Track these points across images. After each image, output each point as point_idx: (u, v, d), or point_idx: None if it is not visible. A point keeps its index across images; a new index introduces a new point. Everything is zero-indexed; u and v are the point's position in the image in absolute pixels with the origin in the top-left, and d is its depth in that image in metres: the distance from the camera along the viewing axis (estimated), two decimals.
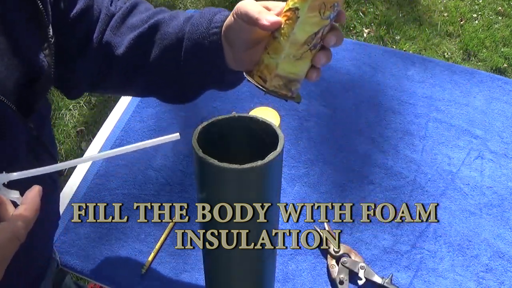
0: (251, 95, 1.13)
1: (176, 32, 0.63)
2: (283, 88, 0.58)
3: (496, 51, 2.51)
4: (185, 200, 0.94)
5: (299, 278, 0.85)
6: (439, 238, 0.90)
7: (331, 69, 1.19)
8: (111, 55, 0.65)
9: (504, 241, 0.90)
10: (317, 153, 1.03)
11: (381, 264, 0.87)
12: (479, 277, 0.86)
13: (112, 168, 1.00)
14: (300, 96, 0.62)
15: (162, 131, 1.05)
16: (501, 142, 1.05)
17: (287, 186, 0.97)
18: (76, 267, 0.86)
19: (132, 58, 0.65)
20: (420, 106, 1.12)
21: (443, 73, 1.19)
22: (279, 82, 0.57)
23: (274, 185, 0.51)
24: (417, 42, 2.53)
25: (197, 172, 0.50)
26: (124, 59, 0.65)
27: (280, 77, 0.57)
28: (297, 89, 0.59)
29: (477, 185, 0.98)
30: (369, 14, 2.69)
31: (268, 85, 0.58)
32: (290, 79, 0.57)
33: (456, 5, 2.76)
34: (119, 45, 0.65)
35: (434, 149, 1.04)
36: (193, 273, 0.86)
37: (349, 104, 1.12)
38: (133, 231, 0.90)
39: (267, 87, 0.58)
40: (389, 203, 0.95)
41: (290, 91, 0.58)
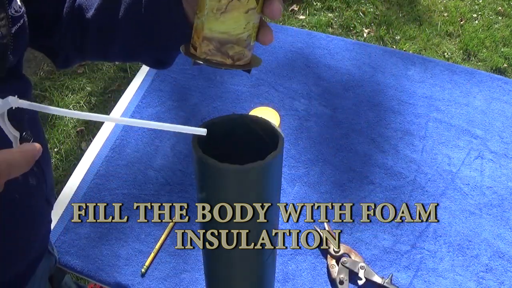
0: (251, 95, 1.13)
1: None
2: (217, 54, 0.47)
3: (496, 51, 2.51)
4: (185, 200, 0.94)
5: (299, 278, 0.85)
6: (439, 238, 0.90)
7: (331, 69, 1.19)
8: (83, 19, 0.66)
9: (504, 241, 0.90)
10: (317, 153, 1.03)
11: (381, 264, 0.87)
12: (479, 277, 0.86)
13: (112, 168, 1.00)
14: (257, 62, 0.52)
15: (162, 131, 1.05)
16: (501, 142, 1.05)
17: (287, 186, 0.97)
18: (76, 267, 0.86)
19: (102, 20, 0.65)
20: (420, 106, 1.12)
21: (443, 73, 1.19)
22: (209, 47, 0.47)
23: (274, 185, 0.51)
24: (417, 42, 2.53)
25: (197, 172, 0.50)
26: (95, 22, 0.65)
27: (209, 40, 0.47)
28: (239, 53, 0.48)
29: (477, 185, 0.98)
30: (369, 14, 2.69)
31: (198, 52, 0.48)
32: (221, 40, 0.47)
33: (456, 5, 2.76)
34: (89, 7, 0.65)
35: (434, 149, 1.04)
36: (193, 273, 0.86)
37: (349, 104, 1.12)
38: (133, 231, 0.90)
39: (197, 55, 0.48)
40: (389, 203, 0.95)
41: (228, 56, 0.48)
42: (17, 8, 0.55)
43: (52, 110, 0.40)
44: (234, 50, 0.48)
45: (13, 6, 0.55)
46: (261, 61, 0.51)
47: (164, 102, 1.11)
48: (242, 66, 0.49)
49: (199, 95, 1.13)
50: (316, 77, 1.17)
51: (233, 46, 0.47)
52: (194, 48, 0.48)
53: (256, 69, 1.19)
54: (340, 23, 2.65)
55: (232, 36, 0.47)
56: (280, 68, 1.19)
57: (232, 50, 0.48)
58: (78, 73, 2.34)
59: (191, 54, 0.49)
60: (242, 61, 0.49)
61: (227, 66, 0.48)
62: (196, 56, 0.48)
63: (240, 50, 0.48)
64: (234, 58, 0.48)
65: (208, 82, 1.16)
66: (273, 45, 1.23)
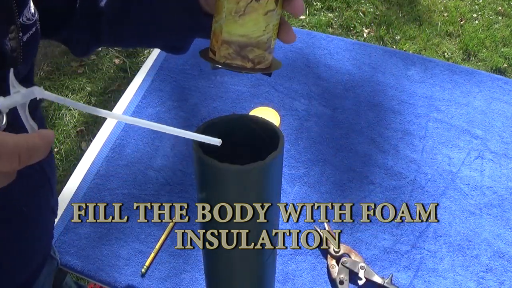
0: (251, 95, 1.13)
1: None
2: (237, 58, 0.46)
3: (496, 51, 2.51)
4: (185, 200, 0.94)
5: (299, 278, 0.85)
6: (439, 238, 0.90)
7: (331, 69, 1.19)
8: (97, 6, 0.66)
9: (504, 241, 0.90)
10: (317, 153, 1.03)
11: (381, 264, 0.87)
12: (479, 277, 0.86)
13: (112, 168, 1.00)
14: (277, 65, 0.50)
15: (162, 131, 1.05)
16: (501, 142, 1.05)
17: (287, 186, 0.97)
18: (76, 267, 0.86)
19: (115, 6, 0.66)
20: (420, 106, 1.12)
21: (443, 73, 1.19)
22: (229, 51, 0.46)
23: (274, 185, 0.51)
24: (417, 42, 2.53)
25: (197, 172, 0.50)
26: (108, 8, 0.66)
27: (228, 44, 0.46)
28: (259, 56, 0.47)
29: (477, 185, 0.98)
30: (369, 14, 2.69)
31: (217, 56, 0.47)
32: (241, 44, 0.46)
33: (456, 5, 2.76)
34: None
35: (434, 149, 1.04)
36: (193, 273, 0.86)
37: (349, 104, 1.12)
38: (133, 231, 0.90)
39: (217, 59, 0.47)
40: (389, 203, 0.95)
41: (249, 60, 0.46)
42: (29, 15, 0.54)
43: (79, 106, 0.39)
44: (255, 54, 0.46)
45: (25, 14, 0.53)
46: (281, 64, 0.50)
47: (164, 102, 1.11)
48: (262, 70, 0.48)
49: (199, 95, 1.13)
50: (316, 77, 1.17)
51: (253, 49, 0.46)
52: (213, 52, 0.47)
53: None
54: (340, 23, 2.65)
55: (252, 39, 0.46)
56: (280, 68, 1.19)
57: (253, 53, 0.46)
58: (78, 73, 2.34)
59: (210, 58, 0.48)
60: (262, 65, 0.47)
61: (247, 70, 0.47)
62: (215, 61, 0.47)
63: (261, 53, 0.47)
64: (254, 62, 0.47)
65: (208, 82, 1.16)
66: None
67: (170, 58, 1.20)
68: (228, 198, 0.49)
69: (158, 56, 1.22)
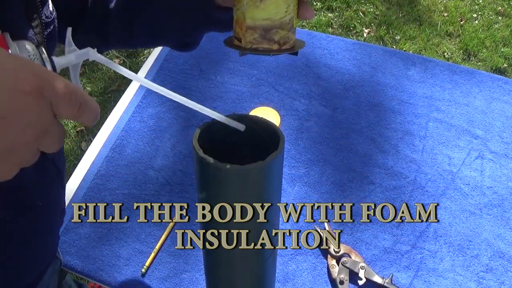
0: (251, 95, 1.13)
1: None
2: (263, 42, 0.48)
3: (496, 51, 2.51)
4: (185, 200, 0.94)
5: (300, 278, 0.85)
6: (439, 238, 0.90)
7: (331, 69, 1.19)
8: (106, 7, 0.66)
9: (505, 241, 0.90)
10: (317, 153, 1.03)
11: (381, 264, 0.87)
12: (479, 277, 0.86)
13: (112, 168, 0.99)
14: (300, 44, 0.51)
15: (162, 131, 1.05)
16: (501, 142, 1.05)
17: (287, 186, 0.97)
18: (76, 267, 0.86)
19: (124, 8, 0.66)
20: (420, 106, 1.12)
21: (443, 73, 1.19)
22: (254, 36, 0.48)
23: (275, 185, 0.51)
24: (417, 42, 2.53)
25: (197, 172, 0.50)
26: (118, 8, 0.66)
27: (253, 29, 0.47)
28: (284, 37, 0.49)
29: (477, 185, 0.98)
30: (369, 14, 2.69)
31: (243, 43, 0.48)
32: (265, 27, 0.47)
33: (456, 5, 2.76)
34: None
35: (434, 149, 1.04)
36: (193, 273, 0.86)
37: (349, 104, 1.12)
38: (133, 231, 0.90)
39: (243, 45, 0.48)
40: (389, 203, 0.95)
41: (274, 42, 0.48)
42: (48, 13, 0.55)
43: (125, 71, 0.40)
44: (280, 35, 0.48)
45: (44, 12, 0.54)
46: (305, 43, 0.51)
47: (164, 102, 1.11)
48: (288, 50, 0.49)
49: (199, 95, 1.13)
50: (316, 77, 1.17)
51: (278, 31, 0.47)
52: (238, 39, 0.49)
53: (256, 69, 1.19)
54: (340, 23, 2.65)
55: (275, 21, 0.47)
56: (280, 68, 1.19)
57: (278, 35, 0.48)
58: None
59: (236, 46, 0.49)
60: (288, 45, 0.49)
61: (274, 52, 0.48)
62: (242, 47, 0.48)
63: (285, 34, 0.48)
64: (280, 43, 0.48)
65: (208, 82, 1.16)
66: None
67: (170, 58, 1.20)
68: (228, 198, 0.49)
69: (158, 56, 1.22)
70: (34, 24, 0.53)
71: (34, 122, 0.33)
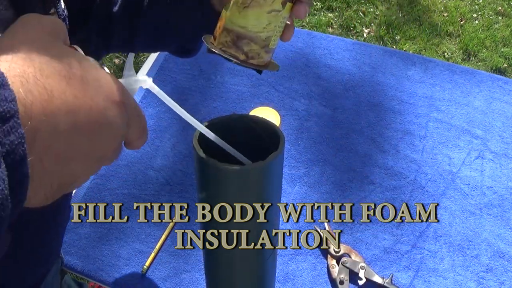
0: (251, 95, 1.13)
1: None
2: (231, 46, 0.48)
3: (496, 51, 2.51)
4: (185, 200, 0.94)
5: (300, 278, 0.85)
6: (439, 238, 0.90)
7: (331, 69, 1.19)
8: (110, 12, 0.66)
9: (505, 241, 0.90)
10: (317, 153, 1.03)
11: (381, 264, 0.87)
12: (480, 277, 0.85)
13: (112, 168, 0.99)
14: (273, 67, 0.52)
15: (162, 131, 1.05)
16: (501, 142, 1.05)
17: (287, 186, 0.97)
18: (76, 267, 0.86)
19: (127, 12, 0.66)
20: (420, 106, 1.12)
21: (443, 73, 1.19)
22: (227, 38, 0.48)
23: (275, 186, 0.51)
24: (417, 42, 2.53)
25: (198, 172, 0.50)
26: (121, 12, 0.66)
27: (228, 31, 0.48)
28: (254, 51, 0.48)
29: (477, 185, 0.98)
30: (369, 14, 2.69)
31: (216, 42, 0.49)
32: (239, 34, 0.47)
33: (456, 5, 2.76)
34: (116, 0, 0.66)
35: (434, 149, 1.04)
36: (193, 273, 0.86)
37: (349, 104, 1.12)
38: (133, 231, 0.90)
39: (215, 44, 0.49)
40: (389, 203, 0.95)
41: (243, 52, 0.48)
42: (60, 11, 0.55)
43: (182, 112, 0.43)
44: (250, 47, 0.48)
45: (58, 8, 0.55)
46: (279, 67, 0.52)
47: (164, 102, 1.11)
48: (254, 65, 0.49)
49: (199, 95, 1.13)
50: (316, 77, 1.17)
51: (250, 43, 0.47)
52: (214, 37, 0.49)
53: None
54: (340, 23, 2.64)
55: (250, 32, 0.47)
56: (280, 68, 1.19)
57: (248, 46, 0.47)
58: None
59: (210, 43, 0.49)
60: (255, 60, 0.48)
61: (239, 61, 0.48)
62: (213, 45, 0.49)
63: (256, 49, 0.48)
64: (248, 55, 0.48)
65: (208, 82, 1.16)
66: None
67: (170, 58, 1.20)
68: (228, 198, 0.49)
69: (158, 56, 1.22)
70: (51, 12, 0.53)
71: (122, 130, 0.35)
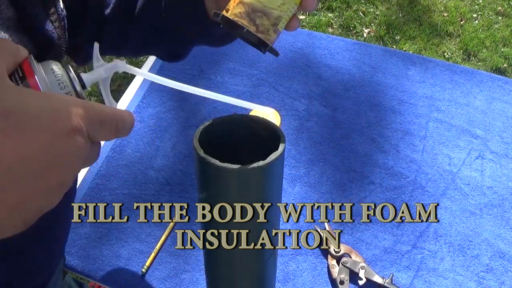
0: (251, 95, 1.13)
1: None
2: (245, 18, 0.50)
3: (496, 51, 2.51)
4: (185, 200, 0.94)
5: (300, 278, 0.85)
6: (439, 238, 0.90)
7: (331, 69, 1.19)
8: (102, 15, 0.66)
9: (505, 241, 0.90)
10: (317, 153, 1.03)
11: (381, 264, 0.87)
12: (480, 277, 0.85)
13: (112, 168, 0.99)
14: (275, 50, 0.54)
15: (162, 131, 1.05)
16: (502, 142, 1.05)
17: (287, 186, 0.97)
18: (76, 267, 0.86)
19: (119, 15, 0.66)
20: (421, 106, 1.12)
21: (443, 73, 1.19)
22: (241, 10, 0.50)
23: (275, 186, 0.51)
24: (417, 42, 2.53)
25: (198, 172, 0.50)
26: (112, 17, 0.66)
27: (243, 4, 0.50)
28: (265, 26, 0.51)
29: (477, 185, 0.98)
30: (369, 14, 2.69)
31: (229, 13, 0.50)
32: (254, 7, 0.50)
33: (456, 5, 2.76)
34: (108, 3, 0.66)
35: (434, 149, 1.04)
36: (193, 273, 0.86)
37: (349, 104, 1.12)
38: (133, 231, 0.90)
39: (228, 15, 0.50)
40: (389, 203, 0.95)
41: (254, 24, 0.50)
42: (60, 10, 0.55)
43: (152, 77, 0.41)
44: (262, 21, 0.50)
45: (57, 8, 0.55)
46: (279, 54, 0.54)
47: (164, 102, 1.11)
48: (261, 41, 0.51)
49: (199, 95, 1.13)
50: (316, 77, 1.17)
51: (262, 16, 0.50)
52: (226, 10, 0.51)
53: (256, 69, 1.18)
54: (340, 23, 2.65)
55: (265, 7, 0.50)
56: (280, 68, 1.19)
57: (260, 19, 0.50)
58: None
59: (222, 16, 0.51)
60: (263, 35, 0.51)
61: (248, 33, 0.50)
62: (225, 17, 0.50)
63: (267, 24, 0.50)
64: (258, 28, 0.50)
65: (209, 82, 1.16)
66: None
67: None
68: (228, 198, 0.49)
69: None
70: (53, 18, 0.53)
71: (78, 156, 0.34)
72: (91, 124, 0.34)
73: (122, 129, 0.37)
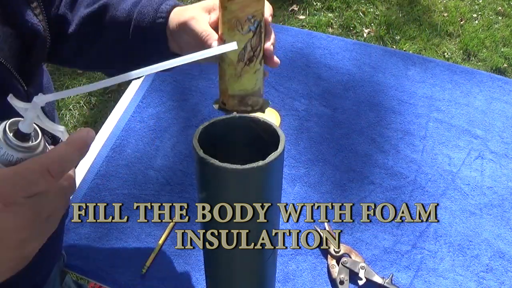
0: None
1: (124, 17, 0.66)
2: (240, 105, 0.63)
3: (496, 51, 2.51)
4: (185, 200, 0.94)
5: (300, 278, 0.85)
6: (439, 238, 0.90)
7: (331, 69, 1.19)
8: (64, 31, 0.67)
9: (505, 241, 0.90)
10: (317, 153, 1.03)
11: (381, 264, 0.87)
12: (480, 277, 0.86)
13: (112, 168, 0.99)
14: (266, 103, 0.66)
15: (162, 131, 1.05)
16: (502, 142, 1.05)
17: (287, 186, 0.97)
18: (76, 267, 0.86)
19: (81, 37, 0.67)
20: (420, 106, 1.12)
21: (443, 73, 1.19)
22: (234, 101, 0.63)
23: (275, 186, 0.51)
24: (417, 42, 2.53)
25: (198, 172, 0.50)
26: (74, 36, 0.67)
27: (233, 97, 0.62)
28: (255, 101, 0.64)
29: (477, 185, 0.98)
30: (369, 14, 2.69)
31: (228, 106, 0.64)
32: (242, 95, 0.62)
33: (456, 5, 2.76)
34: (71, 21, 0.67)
35: (434, 149, 1.04)
36: (193, 273, 0.86)
37: (349, 104, 1.12)
38: (133, 231, 0.90)
39: (228, 109, 0.64)
40: (389, 203, 0.95)
41: (248, 105, 0.63)
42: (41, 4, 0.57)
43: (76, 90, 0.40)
44: (252, 100, 0.63)
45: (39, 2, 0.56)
46: (269, 102, 0.67)
47: (164, 102, 1.11)
48: (257, 110, 0.65)
49: (199, 95, 1.13)
50: (316, 77, 1.17)
51: (251, 97, 0.63)
52: (224, 103, 0.64)
53: None
54: (340, 23, 2.65)
55: (248, 91, 0.62)
56: (280, 68, 1.19)
57: (250, 100, 0.63)
58: (78, 73, 2.34)
59: (223, 108, 0.65)
60: (257, 106, 0.64)
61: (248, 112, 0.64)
62: (227, 110, 0.64)
63: (256, 99, 0.64)
64: (252, 106, 0.64)
65: (209, 82, 1.16)
66: None
67: None
68: (228, 198, 0.49)
69: None
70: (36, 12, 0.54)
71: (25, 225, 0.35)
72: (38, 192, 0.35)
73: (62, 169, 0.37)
